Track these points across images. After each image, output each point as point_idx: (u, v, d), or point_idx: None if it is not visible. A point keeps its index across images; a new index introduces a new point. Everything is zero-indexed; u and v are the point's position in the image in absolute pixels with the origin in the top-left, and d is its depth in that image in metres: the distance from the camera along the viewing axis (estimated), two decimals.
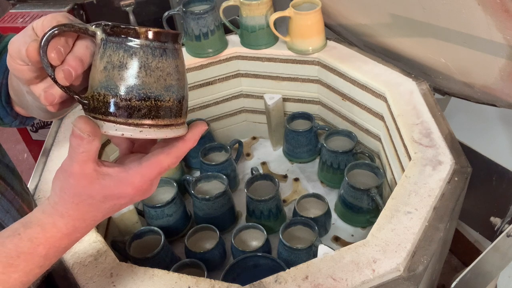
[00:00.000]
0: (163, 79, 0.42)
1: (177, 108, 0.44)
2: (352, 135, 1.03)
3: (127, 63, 0.41)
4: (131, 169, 0.44)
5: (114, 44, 0.41)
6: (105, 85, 0.41)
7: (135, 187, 0.44)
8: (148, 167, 0.44)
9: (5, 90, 0.61)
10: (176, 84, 0.43)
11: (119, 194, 0.44)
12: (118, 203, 0.45)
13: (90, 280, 0.65)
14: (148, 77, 0.41)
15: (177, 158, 0.45)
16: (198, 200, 0.94)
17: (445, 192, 0.73)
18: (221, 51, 1.09)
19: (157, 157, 0.44)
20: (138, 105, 0.41)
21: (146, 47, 0.41)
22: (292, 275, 0.63)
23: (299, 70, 1.09)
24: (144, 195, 0.46)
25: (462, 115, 1.26)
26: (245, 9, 1.04)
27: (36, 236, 0.44)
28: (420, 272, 0.63)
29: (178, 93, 0.43)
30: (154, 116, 0.42)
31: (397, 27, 0.93)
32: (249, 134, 1.27)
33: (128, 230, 0.92)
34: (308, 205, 0.97)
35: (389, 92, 0.91)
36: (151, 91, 0.41)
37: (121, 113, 0.41)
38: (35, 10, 1.47)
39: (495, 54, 0.75)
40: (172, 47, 0.42)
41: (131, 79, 0.41)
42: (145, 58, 0.41)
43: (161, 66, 0.42)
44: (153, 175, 0.44)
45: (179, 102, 0.44)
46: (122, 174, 0.44)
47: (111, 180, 0.44)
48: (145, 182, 0.44)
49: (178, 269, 0.82)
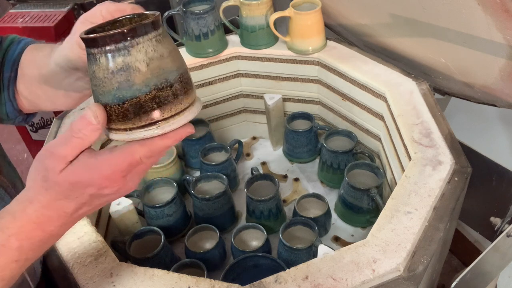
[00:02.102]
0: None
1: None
2: (352, 135, 1.03)
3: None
4: (101, 156, 0.43)
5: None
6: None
7: (102, 175, 0.42)
8: (118, 156, 0.43)
9: (12, 84, 0.61)
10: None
11: (86, 181, 0.43)
12: (87, 193, 0.43)
13: (90, 280, 0.65)
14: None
15: (151, 151, 0.43)
16: (198, 200, 0.94)
17: (445, 192, 0.73)
18: (221, 51, 1.09)
19: (130, 147, 0.43)
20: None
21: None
22: (292, 275, 0.63)
23: (299, 70, 1.09)
24: (114, 188, 0.44)
25: (462, 115, 1.26)
26: (245, 9, 1.04)
27: (8, 225, 0.43)
28: (420, 272, 0.63)
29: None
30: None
31: (397, 27, 0.93)
32: (249, 134, 1.27)
33: (128, 230, 0.92)
34: (308, 205, 0.97)
35: (389, 92, 0.91)
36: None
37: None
38: (35, 10, 1.47)
39: (495, 54, 0.75)
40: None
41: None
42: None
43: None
44: (123, 165, 0.43)
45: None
46: (90, 160, 0.43)
47: (79, 165, 0.43)
48: (114, 172, 0.43)
49: (178, 269, 0.82)
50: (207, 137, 1.10)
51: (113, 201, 0.47)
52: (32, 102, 0.63)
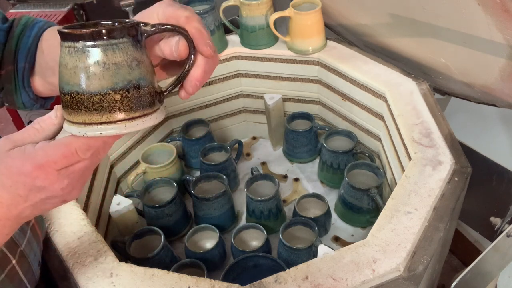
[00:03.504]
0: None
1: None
2: (352, 135, 1.03)
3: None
4: (38, 145, 0.43)
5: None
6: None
7: (35, 163, 0.42)
8: (53, 145, 0.42)
9: (27, 74, 0.61)
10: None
11: (18, 167, 0.42)
12: (20, 182, 0.42)
13: (90, 280, 0.65)
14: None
15: (87, 145, 0.43)
16: (198, 200, 0.94)
17: (445, 192, 0.73)
18: (221, 51, 1.09)
19: (66, 138, 0.42)
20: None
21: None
22: (292, 275, 0.63)
23: (299, 70, 1.09)
24: (47, 181, 0.43)
25: (462, 115, 1.26)
26: (245, 9, 1.04)
27: None
28: (420, 272, 0.63)
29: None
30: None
31: (397, 27, 0.93)
32: (249, 134, 1.27)
33: (128, 230, 0.92)
34: (308, 205, 0.97)
35: (389, 92, 0.91)
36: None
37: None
38: (35, 10, 1.47)
39: (495, 54, 0.75)
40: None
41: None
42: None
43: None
44: (56, 155, 0.42)
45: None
46: (28, 147, 0.42)
47: (18, 150, 0.42)
48: (48, 162, 0.42)
49: (178, 269, 0.82)
50: (207, 137, 1.10)
51: (51, 206, 0.45)
52: (56, 87, 0.62)
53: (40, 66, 0.60)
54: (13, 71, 0.60)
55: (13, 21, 0.62)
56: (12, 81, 0.60)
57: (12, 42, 0.60)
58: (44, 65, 0.59)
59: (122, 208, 0.89)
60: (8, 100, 0.63)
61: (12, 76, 0.60)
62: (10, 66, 0.60)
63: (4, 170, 0.42)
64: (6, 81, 0.60)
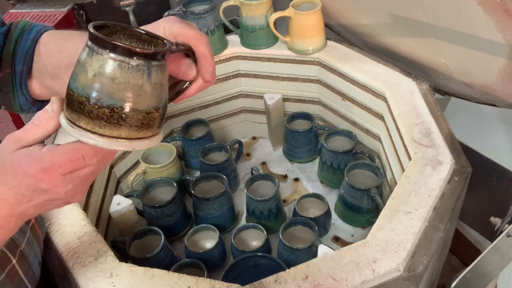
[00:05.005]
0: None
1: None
2: (352, 135, 1.03)
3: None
4: (46, 147, 0.43)
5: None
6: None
7: (41, 166, 0.42)
8: (61, 149, 0.43)
9: (25, 77, 0.61)
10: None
11: (25, 168, 0.43)
12: (25, 183, 0.43)
13: (90, 280, 0.65)
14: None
15: (94, 152, 0.43)
16: (198, 200, 0.94)
17: (445, 192, 0.73)
18: (221, 51, 1.09)
19: (74, 143, 0.43)
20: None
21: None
22: (292, 275, 0.63)
23: (299, 70, 1.09)
24: (51, 184, 0.43)
25: (462, 115, 1.26)
26: (245, 9, 1.04)
27: None
28: (420, 272, 0.63)
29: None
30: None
31: (397, 27, 0.93)
32: (249, 134, 1.27)
33: (128, 230, 0.92)
34: (308, 205, 0.97)
35: (389, 92, 0.91)
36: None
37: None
38: (35, 10, 1.47)
39: (495, 54, 0.75)
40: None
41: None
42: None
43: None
44: (63, 160, 0.42)
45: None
46: (35, 149, 0.43)
47: (25, 151, 0.43)
48: (53, 166, 0.42)
49: (178, 269, 0.82)
50: (207, 137, 1.10)
51: (54, 207, 0.46)
52: (53, 91, 0.62)
53: (38, 69, 0.60)
54: (11, 74, 0.61)
55: (11, 24, 0.63)
56: (10, 84, 0.61)
57: (10, 45, 0.60)
58: (41, 68, 0.60)
59: (122, 208, 0.89)
60: (6, 103, 0.63)
61: (10, 79, 0.61)
62: (8, 69, 0.60)
63: (10, 170, 0.43)
64: (4, 83, 0.61)
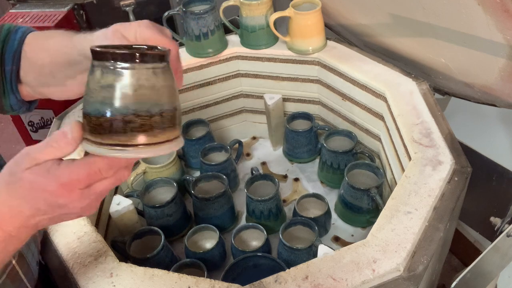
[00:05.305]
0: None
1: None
2: (352, 135, 1.03)
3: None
4: (63, 163, 0.44)
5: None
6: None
7: (59, 182, 0.43)
8: (78, 164, 0.44)
9: (14, 76, 0.61)
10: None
11: (43, 184, 0.44)
12: (42, 197, 0.44)
13: (90, 280, 0.65)
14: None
15: (110, 165, 0.44)
16: (198, 200, 0.94)
17: (445, 192, 0.73)
18: (221, 51, 1.09)
19: (90, 157, 0.44)
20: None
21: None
22: (292, 275, 0.63)
23: (299, 70, 1.09)
24: (69, 199, 0.44)
25: (462, 115, 1.26)
26: (245, 9, 1.04)
27: None
28: (420, 272, 0.63)
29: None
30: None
31: (397, 27, 0.93)
32: (249, 134, 1.27)
33: (128, 230, 0.92)
34: (308, 205, 0.97)
35: (389, 92, 0.91)
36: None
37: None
38: (35, 10, 1.47)
39: (495, 54, 0.75)
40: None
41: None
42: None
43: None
44: (81, 174, 0.44)
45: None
46: (53, 165, 0.44)
47: (41, 167, 0.44)
48: (72, 181, 0.44)
49: (178, 269, 0.82)
50: (207, 137, 1.10)
51: (67, 219, 0.48)
52: (37, 91, 0.62)
53: (24, 69, 0.61)
54: (1, 74, 0.61)
55: None
56: (1, 83, 0.61)
57: None
58: (27, 68, 0.60)
59: (122, 208, 0.89)
60: None
61: (0, 79, 0.61)
62: None
63: (27, 185, 0.44)
64: None
